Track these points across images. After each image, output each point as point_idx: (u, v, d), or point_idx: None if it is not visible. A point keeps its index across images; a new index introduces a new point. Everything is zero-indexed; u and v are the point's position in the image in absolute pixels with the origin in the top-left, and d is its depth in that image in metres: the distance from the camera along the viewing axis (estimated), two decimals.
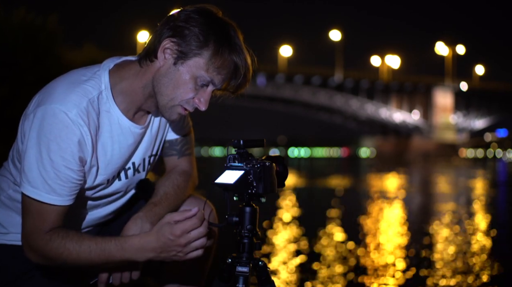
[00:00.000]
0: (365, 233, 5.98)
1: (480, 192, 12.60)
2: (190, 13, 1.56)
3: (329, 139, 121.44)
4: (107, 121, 1.61)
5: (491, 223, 7.10)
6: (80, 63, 19.12)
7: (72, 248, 1.52)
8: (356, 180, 17.77)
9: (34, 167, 1.51)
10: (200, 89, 1.57)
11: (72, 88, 1.55)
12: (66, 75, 1.61)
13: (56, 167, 1.51)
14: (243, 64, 1.57)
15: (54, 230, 1.54)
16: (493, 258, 4.56)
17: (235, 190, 1.53)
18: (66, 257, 1.52)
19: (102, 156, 1.62)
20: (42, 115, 1.51)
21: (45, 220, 1.53)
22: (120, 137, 1.64)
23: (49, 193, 1.51)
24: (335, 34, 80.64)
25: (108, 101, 1.60)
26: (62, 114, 1.50)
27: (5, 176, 1.74)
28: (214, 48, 1.53)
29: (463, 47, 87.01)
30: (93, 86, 1.57)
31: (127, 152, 1.68)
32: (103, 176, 1.65)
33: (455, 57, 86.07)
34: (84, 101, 1.54)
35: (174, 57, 1.55)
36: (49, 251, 1.52)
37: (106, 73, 1.61)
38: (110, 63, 1.65)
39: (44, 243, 1.52)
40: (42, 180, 1.51)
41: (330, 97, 73.56)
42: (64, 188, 1.53)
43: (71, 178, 1.53)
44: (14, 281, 1.68)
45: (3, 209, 1.72)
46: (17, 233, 1.71)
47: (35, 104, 1.55)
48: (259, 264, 1.57)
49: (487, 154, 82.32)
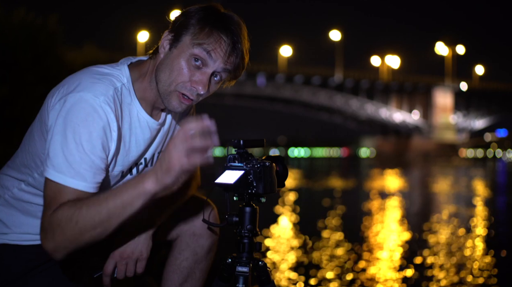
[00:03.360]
0: (365, 233, 5.98)
1: (480, 192, 12.60)
2: (190, 8, 1.61)
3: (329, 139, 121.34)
4: (127, 113, 1.63)
5: (491, 223, 7.10)
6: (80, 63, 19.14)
7: (81, 203, 1.44)
8: (356, 180, 17.77)
9: (59, 152, 1.49)
10: (196, 71, 1.58)
11: (98, 79, 1.57)
12: (85, 70, 1.64)
13: (81, 150, 1.49)
14: (230, 39, 1.57)
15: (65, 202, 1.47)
16: (493, 258, 4.56)
17: (235, 190, 1.54)
18: (77, 217, 1.42)
19: (122, 147, 1.64)
20: (69, 102, 1.52)
21: (63, 199, 1.47)
22: (137, 130, 1.67)
23: (74, 177, 1.49)
24: (335, 34, 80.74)
25: (130, 95, 1.64)
26: (90, 100, 1.52)
27: (10, 175, 1.74)
28: (198, 23, 1.57)
29: (463, 47, 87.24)
30: (116, 78, 1.61)
31: (142, 146, 1.70)
32: (120, 167, 1.66)
33: (455, 57, 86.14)
34: (110, 90, 1.57)
35: (170, 43, 1.60)
36: (60, 219, 1.44)
37: (126, 68, 1.65)
38: (127, 61, 1.69)
39: (54, 214, 1.45)
40: (67, 165, 1.48)
41: (330, 97, 73.58)
42: (88, 173, 1.50)
43: (94, 164, 1.52)
44: (15, 281, 1.69)
45: (7, 208, 1.72)
46: (20, 233, 1.72)
47: (60, 95, 1.55)
48: (259, 264, 1.57)
49: (487, 154, 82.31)
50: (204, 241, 1.90)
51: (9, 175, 1.75)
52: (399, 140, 79.53)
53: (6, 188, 1.73)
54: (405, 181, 17.49)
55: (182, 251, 1.89)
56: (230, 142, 1.56)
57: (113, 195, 1.42)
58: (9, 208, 1.72)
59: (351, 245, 5.08)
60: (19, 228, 1.71)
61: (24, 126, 9.08)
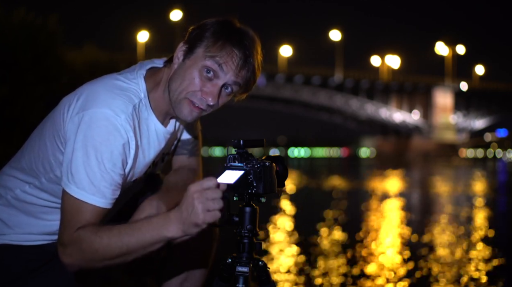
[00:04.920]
0: (365, 234, 5.98)
1: (480, 193, 12.60)
2: (207, 21, 1.65)
3: (329, 139, 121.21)
4: (145, 127, 1.67)
5: (490, 223, 7.10)
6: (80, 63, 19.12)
7: (103, 233, 1.50)
8: (356, 181, 17.77)
9: (81, 169, 1.54)
10: (207, 82, 1.61)
11: (117, 94, 1.60)
12: (103, 79, 1.66)
13: (103, 169, 1.54)
14: (242, 53, 1.60)
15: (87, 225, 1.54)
16: (493, 259, 4.56)
17: (235, 190, 1.54)
18: (98, 245, 1.48)
19: (142, 160, 1.69)
20: (90, 118, 1.55)
21: (83, 218, 1.53)
22: (155, 143, 1.72)
23: (94, 195, 1.54)
24: (335, 34, 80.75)
25: (147, 109, 1.67)
26: (112, 119, 1.55)
27: (13, 175, 1.74)
28: (212, 37, 1.60)
29: (463, 47, 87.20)
30: (134, 94, 1.64)
31: (157, 154, 1.76)
32: (135, 177, 1.72)
33: (455, 57, 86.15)
34: (130, 107, 1.60)
35: (183, 54, 1.63)
36: (81, 241, 1.50)
37: (142, 81, 1.68)
38: (142, 70, 1.71)
39: (76, 235, 1.51)
40: (89, 182, 1.53)
41: (330, 97, 73.61)
42: (108, 190, 1.56)
43: (114, 181, 1.57)
44: (15, 281, 1.69)
45: (9, 209, 1.73)
46: (21, 233, 1.72)
47: (79, 107, 1.58)
48: (259, 264, 1.57)
49: (487, 154, 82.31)
50: (204, 241, 1.90)
51: (13, 176, 1.75)
52: (399, 140, 79.55)
53: (8, 189, 1.74)
54: (405, 181, 17.49)
55: (182, 251, 1.89)
56: (230, 142, 1.56)
57: (136, 232, 1.48)
58: (11, 208, 1.72)
59: (351, 245, 5.08)
60: (20, 229, 1.71)
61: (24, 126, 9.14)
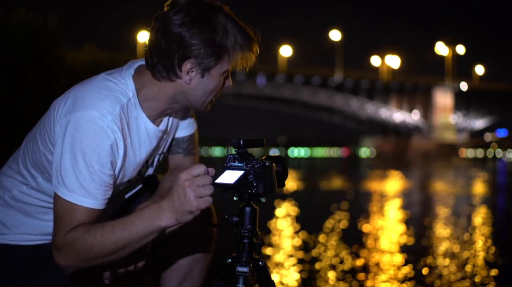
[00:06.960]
0: (365, 234, 5.99)
1: (480, 193, 12.60)
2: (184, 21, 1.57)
3: (329, 139, 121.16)
4: (135, 126, 1.67)
5: (491, 223, 7.10)
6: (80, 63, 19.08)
7: (95, 230, 1.51)
8: (356, 181, 17.77)
9: (70, 172, 1.54)
10: (226, 79, 1.69)
11: (105, 95, 1.60)
12: (91, 81, 1.65)
13: (91, 171, 1.55)
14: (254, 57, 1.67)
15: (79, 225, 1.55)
16: (494, 258, 4.56)
17: (235, 190, 1.53)
18: (92, 243, 1.50)
19: (132, 160, 1.68)
20: (77, 121, 1.55)
21: (76, 219, 1.55)
22: (146, 142, 1.71)
23: (85, 197, 1.55)
24: (335, 34, 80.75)
25: (136, 109, 1.66)
26: (98, 120, 1.55)
27: (11, 176, 1.75)
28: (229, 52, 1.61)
29: (463, 47, 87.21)
30: (122, 93, 1.63)
31: (149, 153, 1.75)
32: (127, 177, 1.72)
33: (455, 57, 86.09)
34: (117, 108, 1.60)
35: (200, 73, 1.62)
36: (74, 242, 1.51)
37: (131, 80, 1.67)
38: (130, 69, 1.69)
39: (69, 236, 1.52)
40: (78, 184, 1.54)
41: (330, 97, 73.60)
42: (99, 191, 1.57)
43: (104, 182, 1.57)
44: (15, 281, 1.69)
45: (6, 209, 1.73)
46: (19, 233, 1.72)
47: (67, 109, 1.58)
48: (259, 264, 1.57)
49: (487, 154, 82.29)
50: (202, 241, 1.90)
51: (10, 176, 1.75)
52: (399, 140, 79.55)
53: (6, 189, 1.74)
54: (405, 181, 17.49)
55: (181, 251, 1.89)
56: (230, 142, 1.56)
57: (129, 226, 1.49)
58: (9, 208, 1.73)
59: (351, 245, 5.08)
60: (18, 229, 1.71)
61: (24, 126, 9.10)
